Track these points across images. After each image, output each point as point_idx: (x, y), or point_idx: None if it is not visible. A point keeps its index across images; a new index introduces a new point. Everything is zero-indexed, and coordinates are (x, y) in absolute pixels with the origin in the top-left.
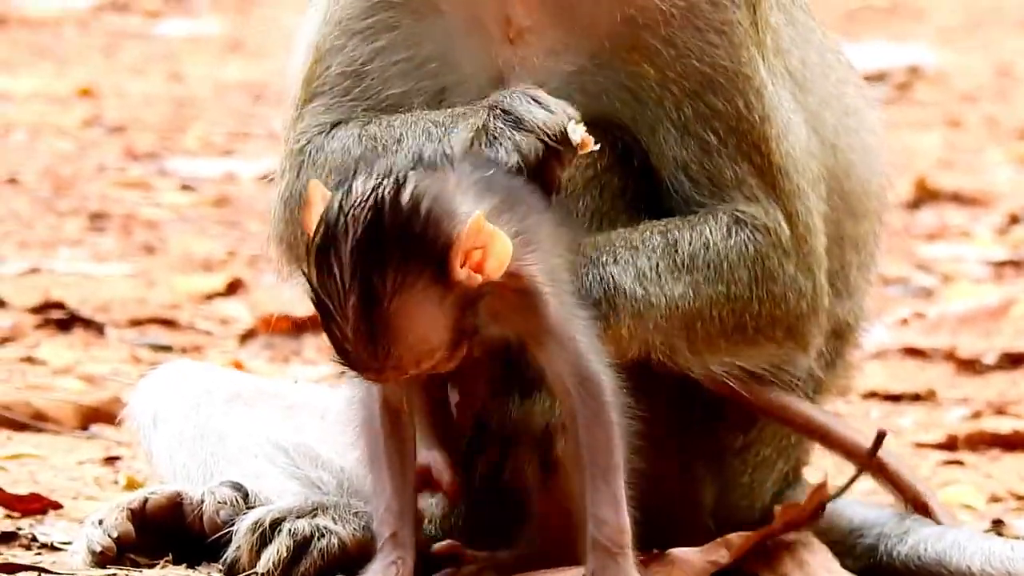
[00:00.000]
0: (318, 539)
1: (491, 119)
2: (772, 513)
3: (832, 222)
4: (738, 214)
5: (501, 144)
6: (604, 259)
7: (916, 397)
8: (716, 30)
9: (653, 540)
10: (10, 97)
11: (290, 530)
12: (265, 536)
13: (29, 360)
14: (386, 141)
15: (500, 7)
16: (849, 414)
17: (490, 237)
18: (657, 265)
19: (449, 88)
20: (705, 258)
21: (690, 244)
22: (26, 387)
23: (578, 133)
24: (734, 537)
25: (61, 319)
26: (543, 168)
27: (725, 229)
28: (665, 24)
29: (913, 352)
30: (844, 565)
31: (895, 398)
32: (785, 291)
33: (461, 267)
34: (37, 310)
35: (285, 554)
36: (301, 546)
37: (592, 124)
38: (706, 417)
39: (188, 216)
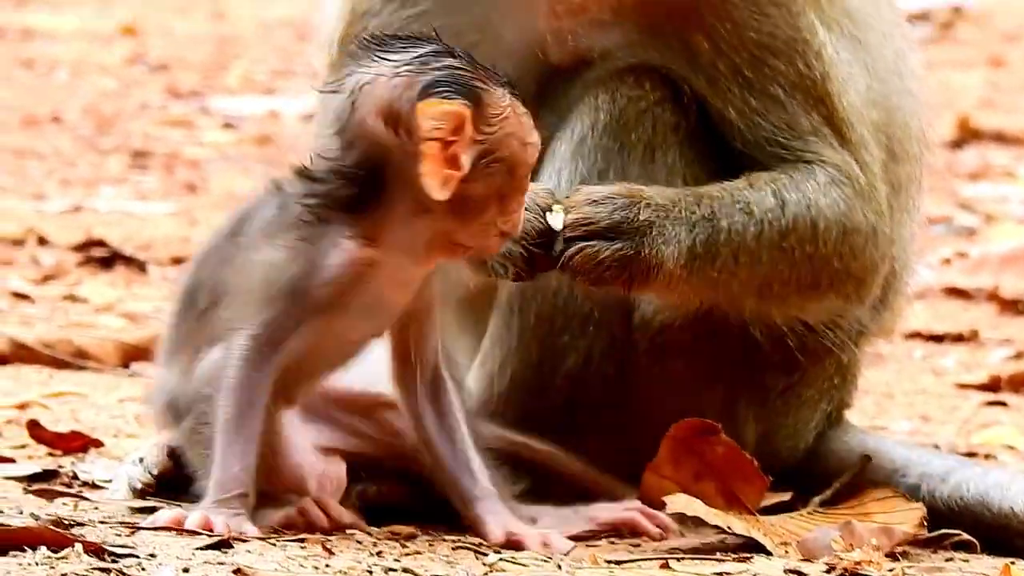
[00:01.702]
0: None
1: None
2: (815, 452)
3: (880, 167)
4: (830, 169)
5: (494, 264)
6: (718, 217)
7: (959, 338)
8: (773, 2)
9: None
10: (53, 35)
11: None
12: None
13: (71, 298)
14: None
15: None
16: (891, 355)
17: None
18: (762, 233)
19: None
20: (805, 219)
21: (795, 206)
22: (68, 325)
23: (560, 219)
24: None
25: (103, 257)
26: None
27: (823, 187)
28: (721, 2)
29: (956, 292)
30: None
31: (938, 338)
32: (865, 242)
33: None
34: (79, 248)
35: None
36: None
37: (638, 67)
38: (749, 357)
39: (230, 155)
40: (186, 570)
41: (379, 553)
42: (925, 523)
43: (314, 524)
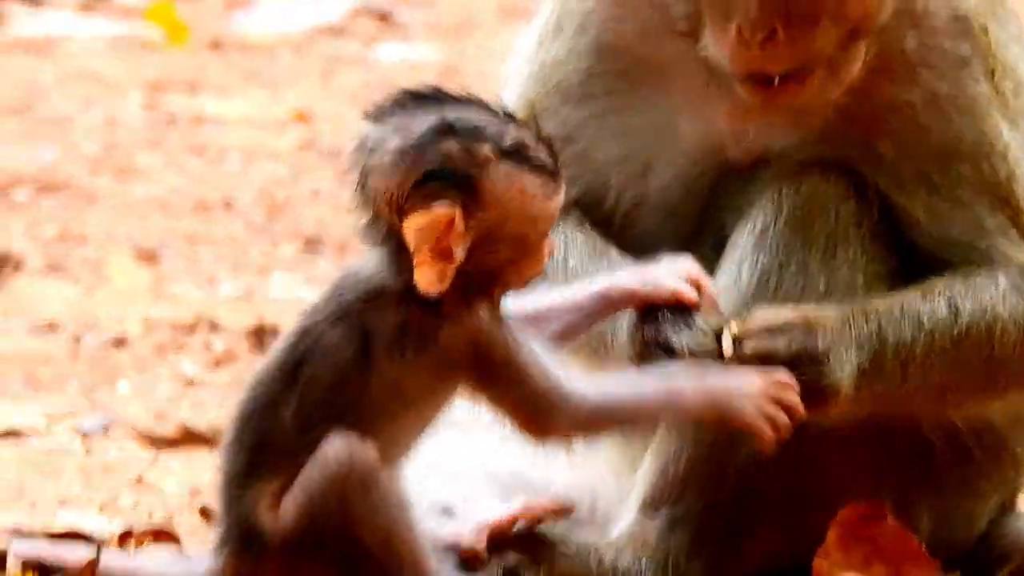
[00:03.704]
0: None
1: (644, 349)
2: (985, 538)
3: None
4: (1013, 271)
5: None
6: (884, 332)
7: None
8: (958, 108)
9: None
10: (224, 121)
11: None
12: None
13: (242, 384)
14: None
15: (730, 85)
16: None
17: None
18: (933, 345)
19: (659, 159)
20: (980, 326)
21: (970, 315)
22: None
23: (729, 345)
24: None
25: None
26: None
27: (1003, 292)
28: (907, 108)
29: None
30: None
31: None
32: None
33: None
34: (251, 334)
35: None
36: None
37: (822, 160)
38: (923, 449)
39: None
40: None
41: None
42: None
43: None
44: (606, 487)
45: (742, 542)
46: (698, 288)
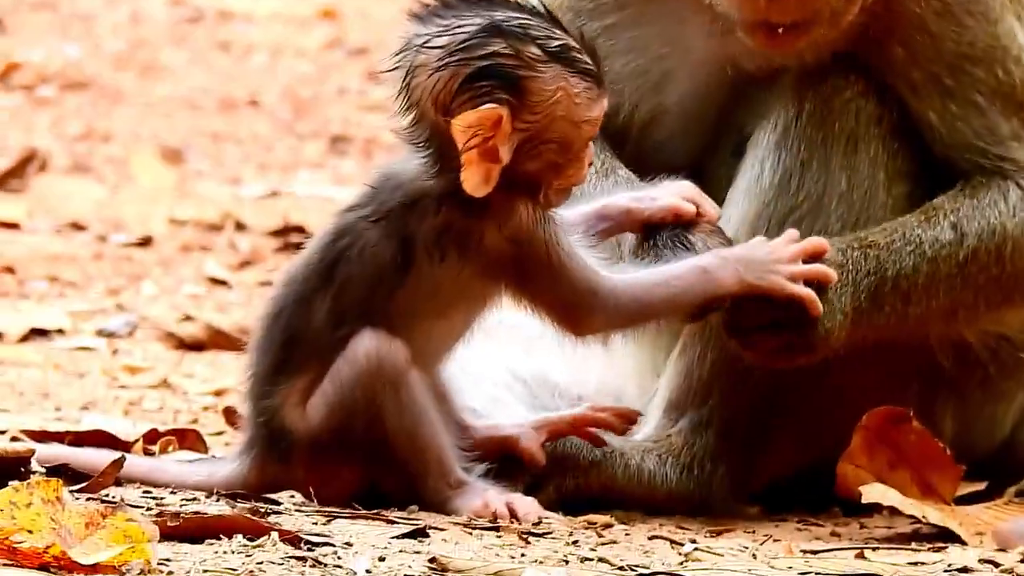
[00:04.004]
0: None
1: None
2: (1011, 442)
3: None
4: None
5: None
6: (884, 267)
7: None
8: (970, 12)
9: None
10: (250, 18)
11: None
12: None
13: (268, 284)
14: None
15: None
16: None
17: None
18: (938, 270)
19: (674, 71)
20: (988, 246)
21: (975, 237)
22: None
23: None
24: None
25: (301, 243)
26: None
27: (1012, 208)
28: (918, 18)
29: None
30: None
31: None
32: None
33: None
34: (277, 233)
35: None
36: None
37: (843, 58)
38: (947, 348)
39: None
40: (382, 559)
41: (575, 543)
42: None
43: (501, 519)
44: (630, 391)
45: (767, 446)
46: (697, 208)
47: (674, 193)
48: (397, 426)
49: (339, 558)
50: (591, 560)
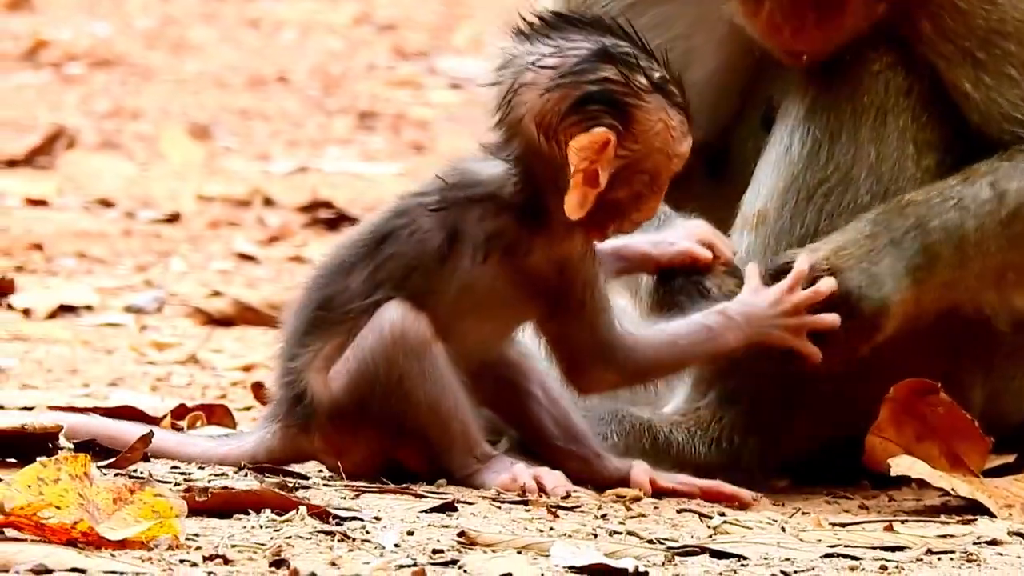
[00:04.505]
0: None
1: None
2: None
3: None
4: None
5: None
6: (926, 220)
7: None
8: None
9: None
10: None
11: None
12: None
13: (297, 259)
14: None
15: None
16: None
17: None
18: (983, 225)
19: (699, 48)
20: None
21: (1016, 194)
22: (293, 286)
23: None
24: None
25: (329, 218)
26: None
27: None
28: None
29: None
30: None
31: None
32: None
33: None
34: (305, 209)
35: None
36: None
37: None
38: (975, 325)
39: (457, 115)
40: (411, 532)
41: (604, 516)
42: None
43: (529, 492)
44: None
45: (794, 419)
46: (712, 249)
47: (690, 236)
48: (420, 397)
49: (367, 532)
50: (620, 534)
